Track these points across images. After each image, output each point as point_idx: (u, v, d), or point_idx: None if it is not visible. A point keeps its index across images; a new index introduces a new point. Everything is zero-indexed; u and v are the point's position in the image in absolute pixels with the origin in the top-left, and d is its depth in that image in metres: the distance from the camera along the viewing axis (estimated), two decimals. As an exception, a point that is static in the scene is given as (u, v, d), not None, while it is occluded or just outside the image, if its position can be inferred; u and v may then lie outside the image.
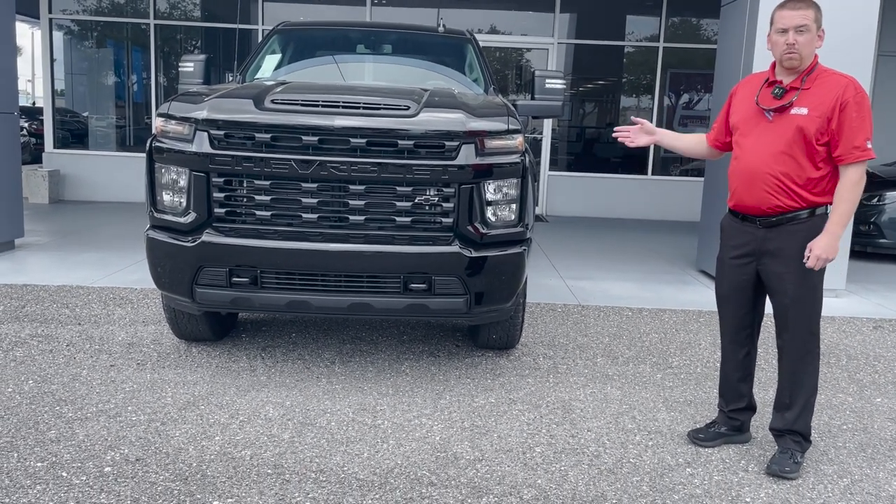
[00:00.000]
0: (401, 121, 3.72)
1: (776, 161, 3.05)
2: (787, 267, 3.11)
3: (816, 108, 2.99)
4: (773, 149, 3.06)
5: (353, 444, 3.34)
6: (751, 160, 3.12)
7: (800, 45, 3.01)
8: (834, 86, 3.00)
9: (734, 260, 3.28)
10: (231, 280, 3.77)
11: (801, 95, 3.03)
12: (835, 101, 2.97)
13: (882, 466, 3.36)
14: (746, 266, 3.24)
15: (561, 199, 11.58)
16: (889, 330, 5.66)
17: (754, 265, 3.22)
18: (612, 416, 3.79)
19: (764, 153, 3.08)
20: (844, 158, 3.00)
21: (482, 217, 3.81)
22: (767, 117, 3.11)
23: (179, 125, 3.76)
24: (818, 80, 3.05)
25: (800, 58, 3.04)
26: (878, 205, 8.45)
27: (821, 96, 3.00)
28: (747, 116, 3.19)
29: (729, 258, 3.31)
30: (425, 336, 4.99)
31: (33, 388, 3.83)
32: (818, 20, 3.05)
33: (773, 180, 3.06)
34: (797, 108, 3.02)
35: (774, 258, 3.14)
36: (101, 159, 11.51)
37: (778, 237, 3.12)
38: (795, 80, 3.08)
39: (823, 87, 3.02)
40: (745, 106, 3.22)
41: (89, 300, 5.51)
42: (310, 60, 5.67)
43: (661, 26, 11.50)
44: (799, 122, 3.01)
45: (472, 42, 5.73)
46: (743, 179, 3.15)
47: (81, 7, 11.65)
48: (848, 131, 2.97)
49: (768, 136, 3.08)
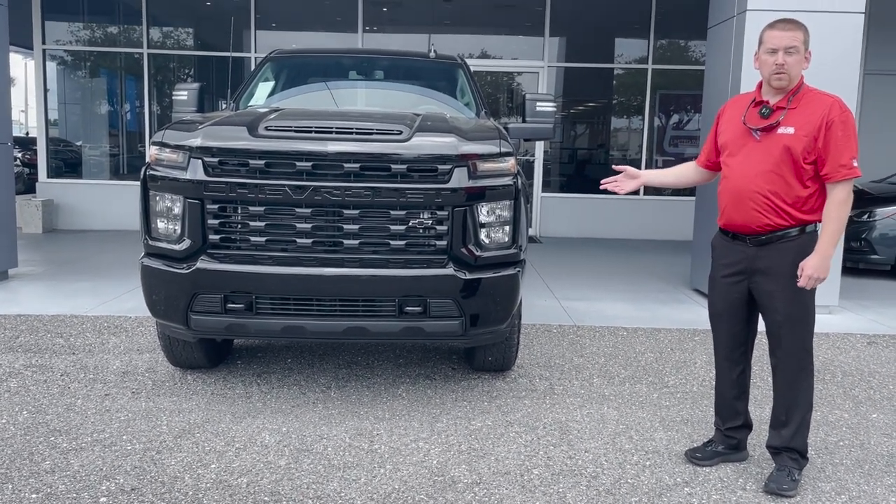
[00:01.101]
0: (394, 145, 3.75)
1: (764, 180, 3.08)
2: (777, 285, 3.14)
3: (803, 128, 3.03)
4: (761, 168, 3.09)
5: (351, 470, 3.33)
6: (739, 179, 3.15)
7: (789, 65, 3.06)
8: (820, 105, 3.05)
9: (726, 278, 3.30)
10: (226, 306, 3.77)
11: (787, 115, 3.07)
12: (821, 120, 3.01)
13: (879, 482, 3.36)
14: (738, 284, 3.26)
15: (554, 220, 11.63)
16: (883, 346, 5.68)
17: (746, 283, 3.24)
18: (609, 436, 3.78)
19: (752, 172, 3.11)
20: (832, 176, 3.03)
21: (476, 239, 3.83)
22: (755, 137, 3.14)
23: (174, 153, 3.78)
24: (804, 100, 3.09)
25: (788, 78, 3.08)
26: (868, 221, 8.51)
27: (807, 116, 3.05)
28: (735, 136, 3.22)
29: (721, 276, 3.33)
30: (421, 359, 4.99)
31: (28, 419, 3.81)
32: (806, 42, 3.10)
33: (762, 199, 3.09)
34: (784, 128, 3.06)
35: (765, 276, 3.17)
36: (95, 188, 11.53)
37: (768, 255, 3.14)
38: (782, 99, 3.12)
39: (810, 107, 3.06)
40: (732, 126, 3.26)
41: (83, 329, 5.50)
42: (302, 87, 5.72)
43: (649, 48, 11.64)
44: (786, 142, 3.05)
45: (463, 67, 5.80)
46: (732, 198, 3.18)
47: (75, 38, 11.73)
48: (834, 150, 3.00)
49: (756, 155, 3.12)
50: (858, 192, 8.99)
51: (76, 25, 11.71)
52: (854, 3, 6.35)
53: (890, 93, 11.19)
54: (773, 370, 3.30)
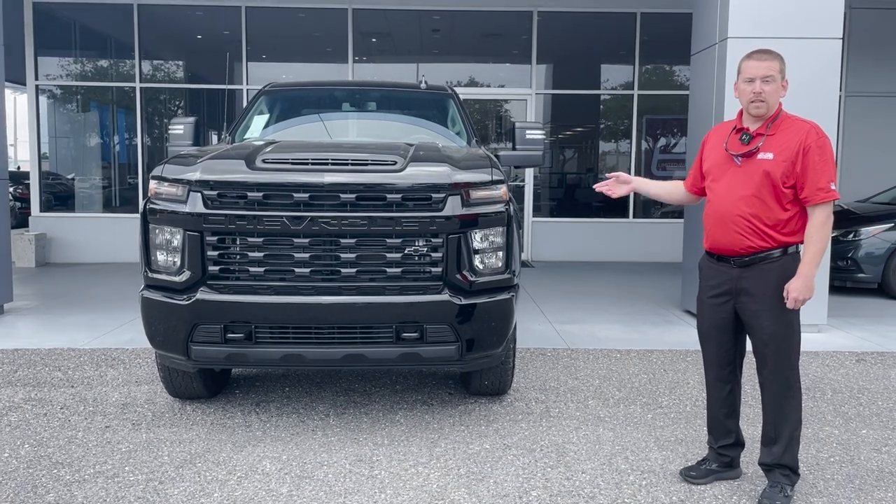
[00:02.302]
0: (388, 175, 3.85)
1: (746, 204, 3.20)
2: (762, 304, 3.24)
3: (781, 153, 3.16)
4: (742, 192, 3.21)
5: (352, 496, 3.37)
6: (722, 203, 3.28)
7: (766, 94, 3.19)
8: (797, 131, 3.18)
9: (712, 299, 3.41)
10: (226, 336, 3.83)
11: (766, 141, 3.20)
12: (798, 145, 3.14)
13: (870, 496, 3.43)
14: (724, 304, 3.37)
15: (546, 244, 11.75)
16: (871, 363, 5.78)
17: (732, 303, 3.34)
18: (605, 457, 3.84)
19: (734, 196, 3.24)
20: (810, 200, 3.15)
21: (470, 265, 3.91)
22: (736, 162, 3.27)
23: (173, 187, 3.87)
24: (782, 126, 3.23)
25: (766, 106, 3.22)
26: (854, 240, 8.65)
27: (785, 142, 3.18)
28: (718, 162, 3.35)
29: (707, 297, 3.44)
30: (418, 385, 5.04)
31: (30, 452, 3.84)
32: (782, 71, 3.24)
33: (744, 222, 3.21)
34: (763, 154, 3.19)
35: (750, 296, 3.27)
36: (88, 221, 11.57)
37: (752, 276, 3.25)
38: (761, 126, 3.25)
39: (787, 133, 3.19)
40: (715, 153, 3.39)
41: (81, 362, 5.53)
42: (297, 119, 5.83)
43: (635, 74, 11.86)
44: (765, 167, 3.17)
45: (454, 96, 5.92)
46: (716, 221, 3.31)
47: (66, 72, 11.85)
48: (812, 174, 3.12)
49: (738, 180, 3.24)
50: (843, 211, 9.17)
51: (68, 60, 11.83)
52: (832, 29, 6.54)
53: (871, 113, 11.43)
54: (761, 388, 3.38)
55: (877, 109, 11.44)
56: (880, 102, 11.46)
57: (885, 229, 8.61)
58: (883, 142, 11.40)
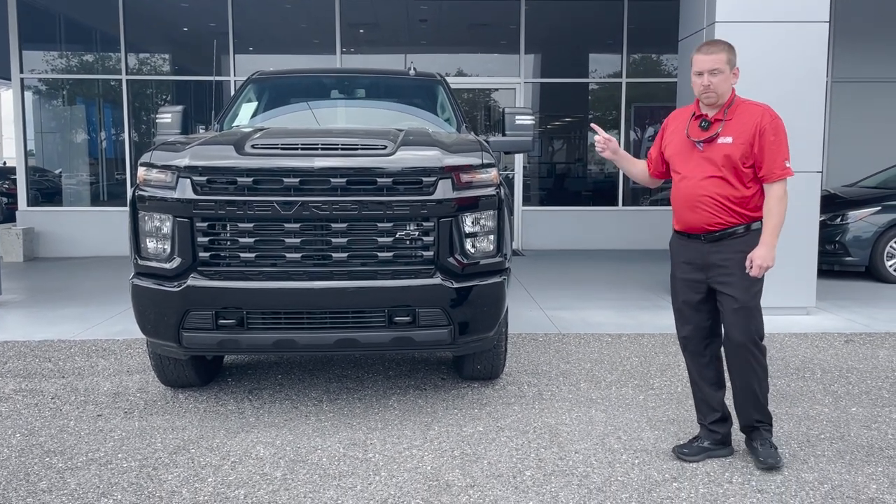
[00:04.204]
0: (379, 159, 3.85)
1: (712, 184, 3.40)
2: (730, 277, 3.41)
3: (739, 136, 3.37)
4: (707, 174, 3.42)
5: (346, 478, 3.38)
6: (690, 186, 3.46)
7: (714, 85, 3.40)
8: (752, 115, 3.40)
9: (685, 275, 3.57)
10: (217, 322, 3.82)
11: (725, 126, 3.41)
12: (754, 128, 3.36)
13: (860, 471, 3.47)
14: (696, 280, 3.52)
15: (536, 233, 11.77)
16: (860, 343, 5.83)
17: (704, 277, 3.50)
18: (598, 437, 3.87)
19: (701, 178, 3.43)
20: (768, 178, 3.37)
21: (462, 249, 3.92)
22: (699, 148, 3.46)
23: (162, 173, 3.85)
24: (738, 111, 3.43)
25: (716, 96, 3.42)
26: (841, 224, 8.71)
27: (742, 125, 3.38)
28: (681, 148, 3.54)
29: (681, 274, 3.60)
30: (411, 371, 5.05)
31: (21, 442, 3.82)
32: (731, 61, 3.44)
33: (712, 201, 3.40)
34: (723, 138, 3.40)
35: (719, 268, 3.43)
36: (76, 215, 11.49)
37: (720, 250, 3.43)
38: (718, 112, 3.45)
39: (743, 117, 3.40)
40: (677, 138, 3.58)
41: (72, 353, 5.50)
42: (285, 107, 5.81)
43: (622, 63, 11.87)
44: (725, 150, 3.38)
45: (443, 83, 5.91)
46: (685, 203, 3.49)
47: (51, 66, 11.75)
48: (769, 154, 3.35)
49: (702, 163, 3.44)
50: (831, 195, 9.23)
51: (53, 54, 11.73)
52: (818, 12, 6.56)
53: (858, 99, 11.49)
54: (729, 355, 3.52)
55: (864, 95, 11.50)
56: (867, 88, 11.52)
57: (872, 213, 8.68)
58: (870, 127, 11.46)
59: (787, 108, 6.65)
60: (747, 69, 6.57)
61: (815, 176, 6.61)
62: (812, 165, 6.57)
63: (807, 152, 6.55)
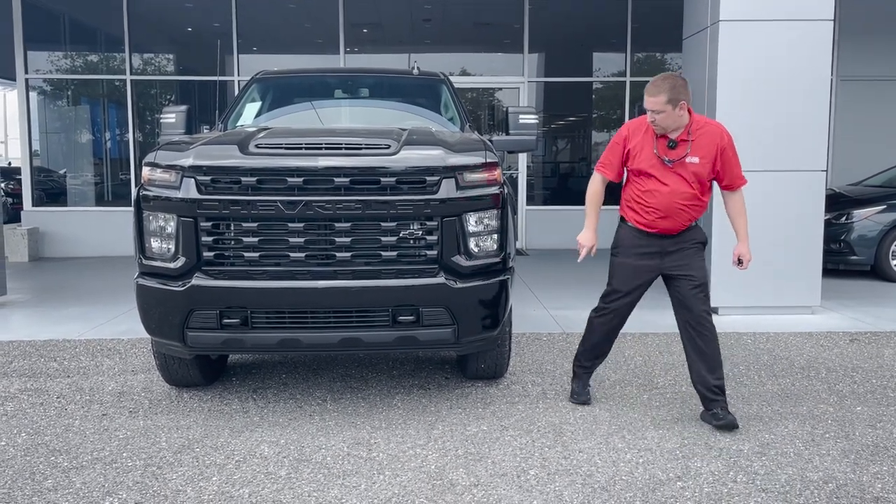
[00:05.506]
0: (382, 159, 3.85)
1: (684, 198, 3.88)
2: (687, 260, 3.97)
3: (705, 156, 3.87)
4: (681, 189, 3.87)
5: (350, 477, 3.38)
6: (668, 199, 3.88)
7: (658, 121, 3.83)
8: (712, 136, 3.88)
9: (639, 261, 4.03)
10: (222, 322, 3.83)
11: (692, 147, 3.86)
12: (716, 149, 3.87)
13: (865, 470, 3.46)
14: (650, 267, 4.03)
15: (539, 232, 11.76)
16: (865, 342, 5.81)
17: (658, 264, 4.01)
18: (602, 436, 3.86)
19: (676, 192, 3.87)
20: (731, 186, 4.00)
21: (465, 248, 3.92)
22: (668, 165, 3.88)
23: (166, 173, 3.85)
24: (700, 132, 3.88)
25: (663, 129, 3.85)
26: (846, 223, 8.69)
27: (706, 145, 3.87)
28: (652, 165, 3.91)
29: (634, 261, 4.05)
30: (414, 370, 5.05)
31: (27, 441, 3.84)
32: (672, 100, 3.77)
33: (685, 212, 3.91)
34: (691, 158, 3.86)
35: (677, 254, 3.98)
36: (81, 215, 11.53)
37: (677, 242, 3.99)
38: (683, 133, 3.88)
39: (705, 139, 3.87)
40: (645, 153, 3.93)
41: (76, 353, 5.52)
42: (289, 107, 5.81)
43: (626, 62, 11.86)
44: (693, 169, 3.87)
45: (447, 82, 5.91)
46: (663, 214, 3.92)
47: (55, 66, 11.78)
48: (730, 168, 3.93)
49: (675, 179, 3.88)
50: (836, 194, 9.21)
51: (58, 54, 11.77)
52: (823, 10, 6.54)
53: (863, 97, 11.45)
54: (693, 329, 3.94)
55: (868, 93, 11.46)
56: (871, 86, 11.49)
57: (877, 212, 8.66)
58: (875, 125, 11.43)
59: (791, 107, 6.69)
60: (751, 68, 6.61)
61: (819, 174, 6.59)
62: (817, 164, 6.55)
63: (811, 151, 6.54)
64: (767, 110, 6.53)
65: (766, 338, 5.92)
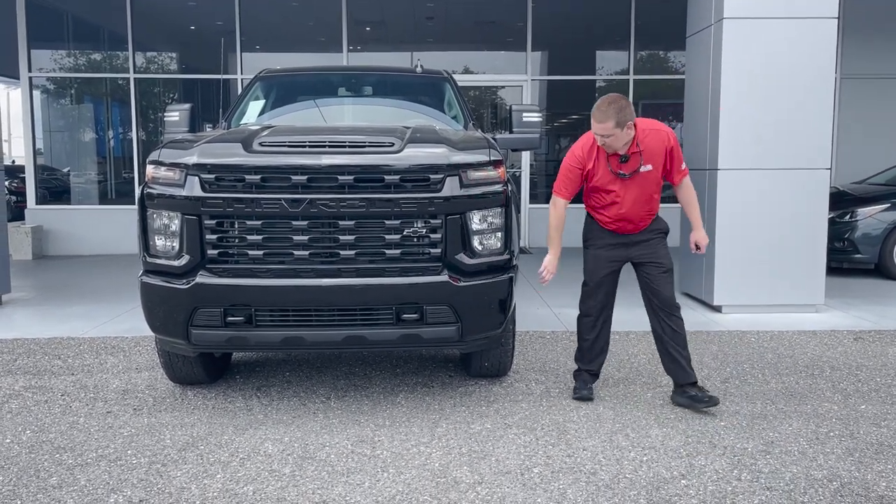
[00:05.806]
0: (386, 157, 3.85)
1: (645, 203, 4.19)
2: (653, 248, 4.25)
3: (656, 162, 4.13)
4: (642, 197, 4.16)
5: (354, 475, 3.39)
6: (630, 208, 4.16)
7: (609, 143, 4.03)
8: (659, 141, 4.11)
9: (610, 252, 4.30)
10: (226, 320, 3.83)
11: (643, 156, 4.08)
12: (664, 151, 4.13)
13: (870, 469, 3.45)
14: (619, 258, 4.31)
15: (543, 230, 11.70)
16: (870, 341, 5.80)
17: (626, 254, 4.29)
18: (606, 434, 3.86)
19: (638, 201, 4.16)
20: (678, 179, 4.27)
21: (469, 246, 3.92)
22: (625, 178, 4.10)
23: (170, 171, 3.86)
24: (646, 140, 4.09)
25: (613, 149, 4.05)
26: (850, 221, 8.67)
27: (655, 152, 4.10)
28: (610, 180, 4.15)
29: (605, 252, 4.31)
30: (418, 368, 5.06)
31: (31, 438, 3.85)
32: (620, 123, 3.94)
33: (646, 214, 4.23)
34: (644, 167, 4.10)
35: (643, 244, 4.27)
36: (84, 213, 11.55)
37: (642, 233, 4.28)
38: (631, 146, 4.08)
39: (653, 144, 4.09)
40: (601, 172, 4.16)
41: (81, 351, 5.53)
42: (292, 105, 5.81)
43: (630, 60, 11.84)
44: (649, 176, 4.13)
45: (450, 81, 5.91)
46: (628, 220, 4.21)
47: (59, 65, 11.80)
48: (676, 163, 4.19)
49: (635, 189, 4.13)
50: (840, 193, 9.19)
51: (61, 53, 11.78)
52: (826, 8, 6.53)
53: (866, 95, 11.43)
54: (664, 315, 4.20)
55: (872, 91, 11.44)
56: (876, 84, 11.46)
57: (881, 210, 8.64)
58: (879, 123, 11.41)
59: (795, 105, 6.68)
60: (755, 66, 6.59)
61: (823, 173, 6.57)
62: (821, 162, 6.54)
63: (815, 149, 6.53)
64: (772, 107, 6.52)
65: (769, 336, 5.91)
